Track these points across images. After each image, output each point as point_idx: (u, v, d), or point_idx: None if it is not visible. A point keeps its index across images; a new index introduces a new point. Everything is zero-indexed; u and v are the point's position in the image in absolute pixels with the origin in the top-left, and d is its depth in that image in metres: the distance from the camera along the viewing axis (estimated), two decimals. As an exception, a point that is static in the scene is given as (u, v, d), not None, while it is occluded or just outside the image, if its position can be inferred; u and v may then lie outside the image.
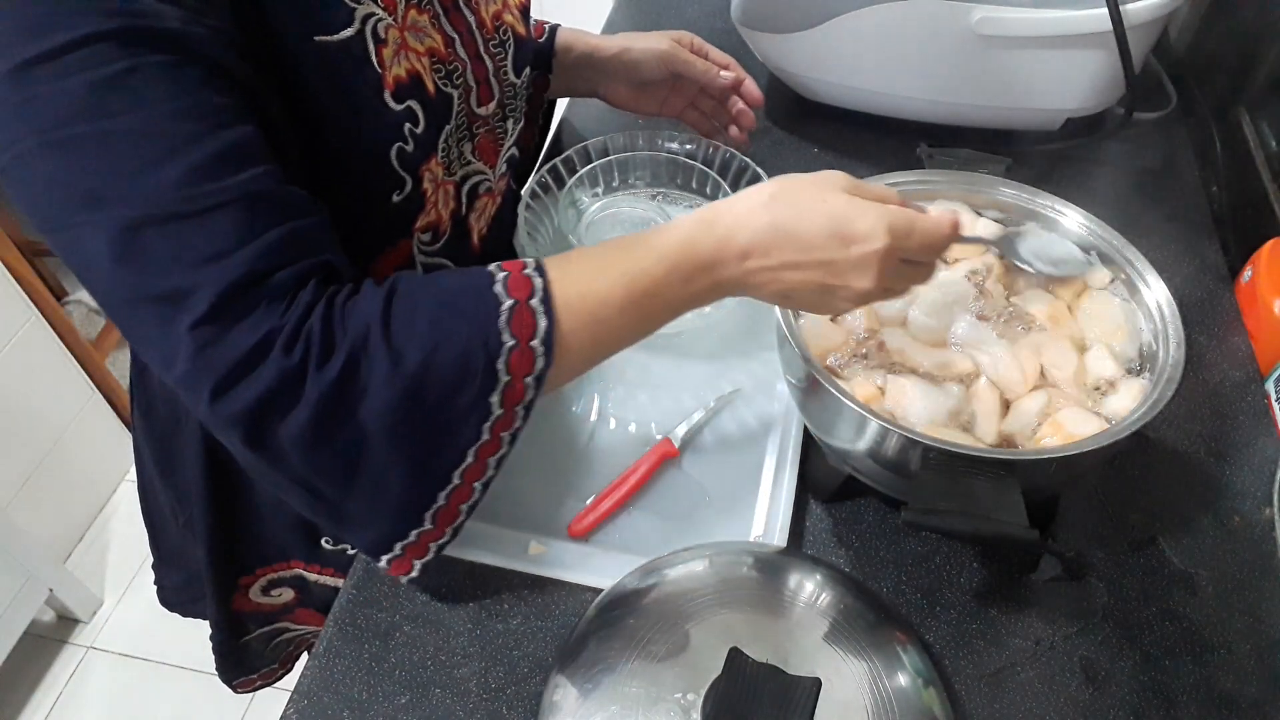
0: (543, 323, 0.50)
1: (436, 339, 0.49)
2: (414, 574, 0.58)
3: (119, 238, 0.45)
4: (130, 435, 1.89)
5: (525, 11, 0.75)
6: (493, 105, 0.70)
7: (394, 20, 0.59)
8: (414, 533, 0.55)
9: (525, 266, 0.53)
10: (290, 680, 0.62)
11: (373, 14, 0.57)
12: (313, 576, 0.84)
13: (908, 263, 0.56)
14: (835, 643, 0.54)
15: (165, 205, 0.45)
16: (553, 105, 0.97)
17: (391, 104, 0.58)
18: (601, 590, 0.61)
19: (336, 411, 0.47)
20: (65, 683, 1.63)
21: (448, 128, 0.65)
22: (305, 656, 1.00)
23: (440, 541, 0.57)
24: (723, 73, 0.89)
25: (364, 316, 0.48)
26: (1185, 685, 0.61)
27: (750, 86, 0.91)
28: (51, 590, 1.60)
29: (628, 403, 0.77)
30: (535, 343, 0.50)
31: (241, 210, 0.47)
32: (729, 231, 0.53)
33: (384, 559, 0.57)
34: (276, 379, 0.46)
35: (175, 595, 0.92)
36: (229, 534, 0.78)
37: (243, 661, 0.92)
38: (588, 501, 0.69)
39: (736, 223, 0.53)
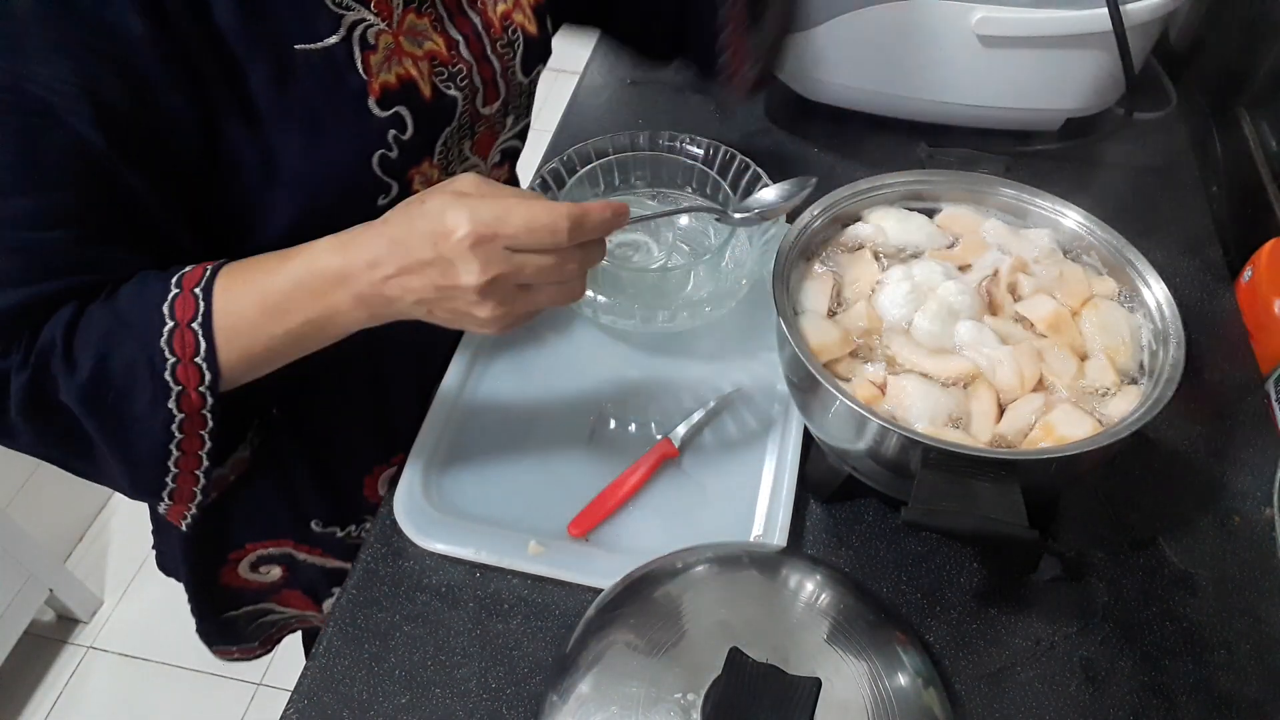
0: (203, 344, 0.55)
1: (105, 350, 0.55)
2: (188, 522, 0.67)
3: None
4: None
5: (539, 10, 0.74)
6: (497, 104, 0.71)
7: (387, 25, 0.59)
8: (163, 500, 0.62)
9: (198, 282, 0.56)
10: (290, 679, 0.62)
11: (363, 20, 0.57)
12: (302, 555, 0.85)
13: (525, 253, 0.52)
14: (835, 643, 0.54)
15: None
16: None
17: (376, 111, 0.59)
18: (601, 590, 0.61)
19: (34, 403, 0.55)
20: (65, 683, 1.63)
21: (448, 129, 0.65)
22: (286, 642, 1.01)
23: (195, 504, 0.64)
24: None
25: (53, 329, 0.55)
26: (1185, 685, 0.61)
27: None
28: (51, 590, 1.60)
29: (628, 403, 0.77)
30: (198, 359, 0.55)
31: (20, 260, 0.54)
32: (358, 247, 0.54)
33: (160, 508, 0.64)
34: None
35: (170, 561, 0.92)
36: (214, 508, 0.79)
37: (223, 632, 0.93)
38: (588, 501, 0.69)
39: (364, 238, 0.55)
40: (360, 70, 0.58)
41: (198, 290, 0.56)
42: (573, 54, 1.02)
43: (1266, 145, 0.96)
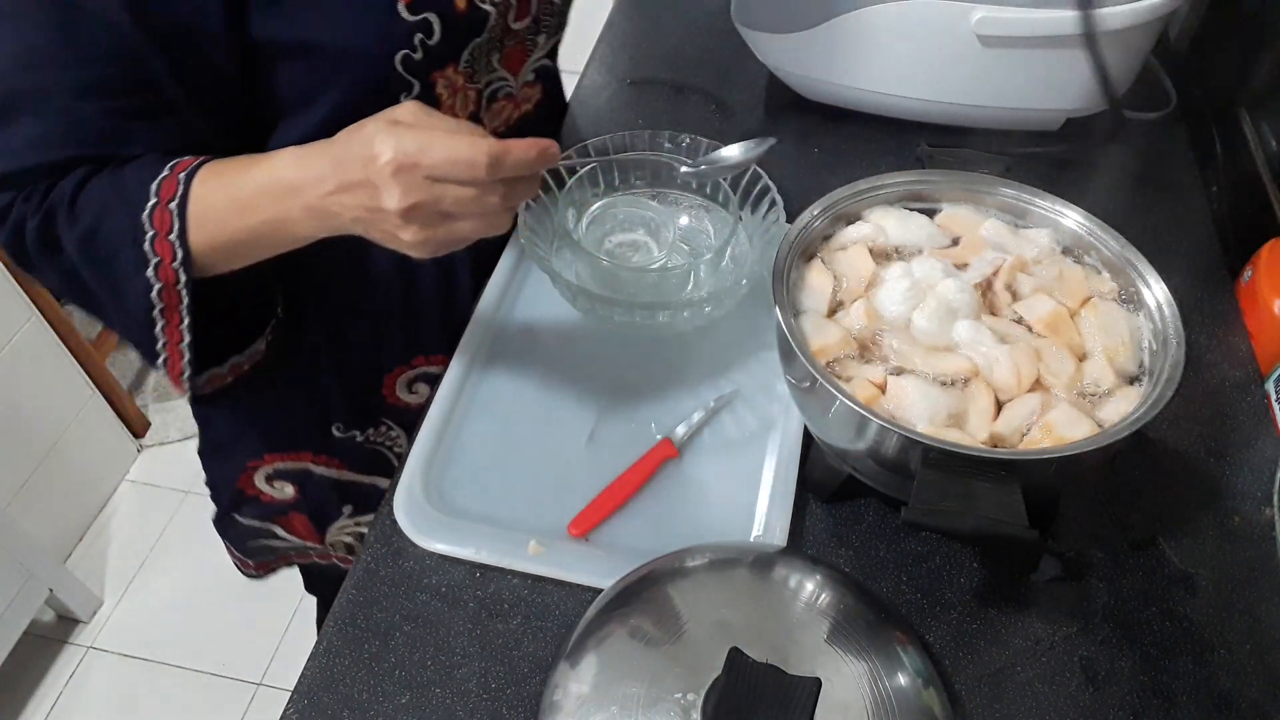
0: (176, 224, 0.60)
1: (100, 212, 0.60)
2: (184, 390, 0.69)
3: None
4: (129, 433, 1.88)
5: None
6: (527, 20, 0.73)
7: None
8: (158, 361, 0.66)
9: (185, 169, 0.61)
10: (290, 679, 0.62)
11: None
12: (319, 470, 0.87)
13: (446, 183, 0.55)
14: (835, 643, 0.54)
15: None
16: None
17: (404, 14, 0.63)
18: (601, 590, 0.61)
19: (44, 247, 0.61)
20: (65, 683, 1.64)
21: (476, 40, 0.68)
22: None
23: (185, 377, 0.67)
24: None
25: (63, 188, 0.60)
26: (1185, 685, 0.61)
27: None
28: (51, 590, 1.60)
29: (628, 403, 0.77)
30: (171, 237, 0.60)
31: (51, 125, 0.59)
32: (310, 162, 0.58)
33: (157, 364, 0.67)
34: (14, 223, 0.61)
35: (203, 450, 0.95)
36: (239, 410, 0.83)
37: (231, 528, 0.95)
38: (588, 501, 0.70)
39: (315, 154, 0.58)
40: None
41: (182, 175, 0.60)
42: (573, 54, 1.01)
43: (1266, 145, 0.96)
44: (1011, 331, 0.66)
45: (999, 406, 0.62)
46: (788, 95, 1.05)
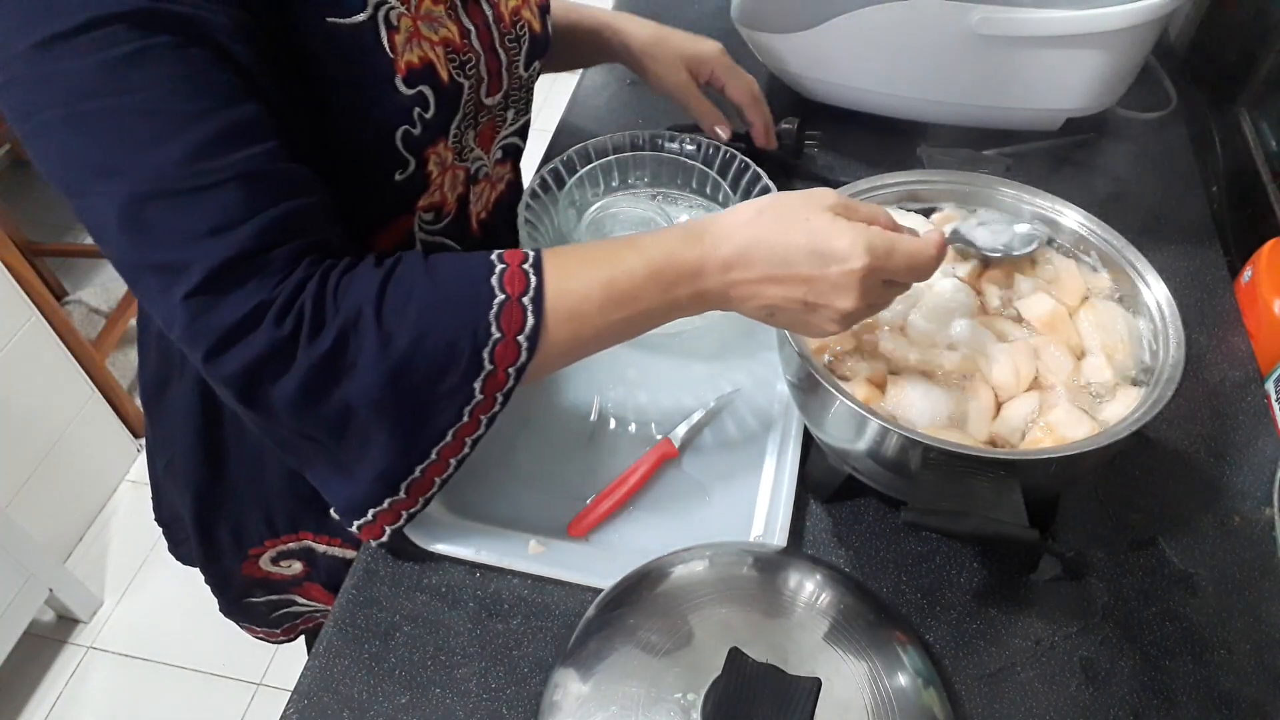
0: (530, 320, 0.54)
1: (426, 325, 0.52)
2: (384, 539, 0.61)
3: (126, 209, 0.49)
4: (129, 433, 1.88)
5: (544, 9, 0.76)
6: (499, 96, 0.72)
7: (406, 9, 0.61)
8: (388, 500, 0.59)
9: (525, 260, 0.55)
10: (290, 679, 0.62)
11: (386, 2, 0.59)
12: (321, 548, 0.85)
13: (891, 284, 0.55)
14: (835, 643, 0.54)
15: (169, 180, 0.49)
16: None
17: (403, 88, 0.60)
18: (601, 590, 0.61)
19: (325, 382, 0.52)
20: (65, 683, 1.63)
21: (457, 117, 0.67)
22: (307, 640, 1.00)
23: (412, 510, 0.60)
24: (717, 128, 0.90)
25: (358, 296, 0.52)
26: (1185, 685, 0.61)
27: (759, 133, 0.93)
28: (51, 590, 1.60)
29: (628, 403, 0.77)
30: (521, 337, 0.54)
31: (241, 188, 0.50)
32: (713, 242, 0.55)
33: (355, 524, 0.60)
34: (267, 348, 0.50)
35: (185, 553, 0.92)
36: (222, 495, 0.79)
37: (245, 613, 0.93)
38: (588, 501, 0.70)
39: (721, 235, 0.55)
40: (387, 49, 0.59)
41: (526, 267, 0.54)
42: (573, 54, 1.01)
43: (1266, 145, 0.96)
44: (1010, 330, 0.66)
45: (999, 406, 0.62)
46: (788, 95, 1.05)
